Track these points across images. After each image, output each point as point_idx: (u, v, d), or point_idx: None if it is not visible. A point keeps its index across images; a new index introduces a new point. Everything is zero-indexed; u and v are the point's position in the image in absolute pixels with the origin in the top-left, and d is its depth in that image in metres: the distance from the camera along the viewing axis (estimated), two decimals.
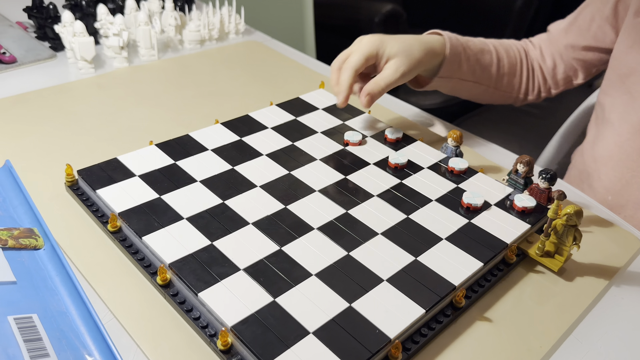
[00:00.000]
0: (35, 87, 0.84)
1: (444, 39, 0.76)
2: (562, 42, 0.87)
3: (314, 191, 0.61)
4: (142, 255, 0.53)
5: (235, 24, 1.08)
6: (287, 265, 0.51)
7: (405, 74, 0.69)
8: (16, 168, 0.62)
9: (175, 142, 0.67)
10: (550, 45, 0.88)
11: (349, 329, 0.45)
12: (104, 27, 0.92)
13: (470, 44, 0.79)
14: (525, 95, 0.89)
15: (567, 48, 0.86)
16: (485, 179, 0.65)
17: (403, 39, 0.71)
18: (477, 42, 0.81)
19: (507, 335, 0.50)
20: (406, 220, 0.58)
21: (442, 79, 0.77)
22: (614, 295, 0.56)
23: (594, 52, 0.85)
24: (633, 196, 0.78)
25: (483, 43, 0.82)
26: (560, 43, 0.87)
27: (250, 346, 0.43)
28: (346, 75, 0.67)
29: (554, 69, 0.87)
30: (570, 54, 0.86)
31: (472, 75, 0.80)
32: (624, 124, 0.79)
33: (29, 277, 0.49)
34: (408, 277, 0.51)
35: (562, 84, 0.89)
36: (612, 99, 0.82)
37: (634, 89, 0.77)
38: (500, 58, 0.83)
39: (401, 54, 0.69)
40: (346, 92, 0.67)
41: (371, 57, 0.68)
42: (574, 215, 0.52)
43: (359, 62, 0.67)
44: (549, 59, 0.87)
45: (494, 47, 0.83)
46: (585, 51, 0.85)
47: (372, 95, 0.67)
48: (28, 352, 0.42)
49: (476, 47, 0.80)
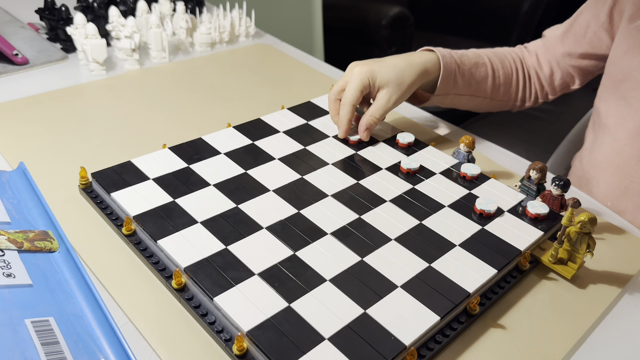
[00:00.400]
0: (47, 88, 0.84)
1: (437, 56, 0.77)
2: (559, 50, 0.87)
3: (327, 196, 0.61)
4: (157, 258, 0.53)
5: (245, 26, 1.08)
6: (301, 270, 0.51)
7: (397, 101, 0.72)
8: (30, 170, 0.63)
9: (188, 145, 0.68)
10: (546, 52, 0.88)
11: (364, 336, 0.45)
12: (115, 29, 0.92)
13: (464, 58, 0.80)
14: (522, 102, 0.89)
15: (564, 55, 0.86)
16: (498, 185, 0.65)
17: (394, 64, 0.72)
18: (471, 55, 0.82)
19: (520, 342, 0.50)
20: (419, 226, 0.58)
21: (439, 97, 0.79)
22: (628, 302, 0.56)
23: (590, 59, 0.85)
24: (631, 202, 0.78)
25: (477, 56, 0.83)
26: (557, 50, 0.87)
27: (266, 351, 0.43)
28: (345, 111, 0.71)
29: (551, 76, 0.88)
30: (567, 61, 0.87)
31: (467, 89, 0.82)
32: (620, 130, 0.79)
33: (44, 280, 0.50)
34: (422, 283, 0.51)
35: (559, 90, 0.90)
36: (607, 104, 0.82)
37: (628, 94, 0.78)
38: (495, 69, 0.84)
39: (392, 82, 0.71)
40: (346, 126, 0.71)
41: (365, 88, 0.71)
42: (588, 223, 0.52)
43: (355, 98, 0.70)
44: (545, 66, 0.88)
45: (488, 59, 0.84)
46: (581, 58, 0.85)
47: (369, 128, 0.72)
48: (45, 356, 0.42)
49: (470, 62, 0.81)
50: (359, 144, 0.71)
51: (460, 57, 0.79)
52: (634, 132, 0.77)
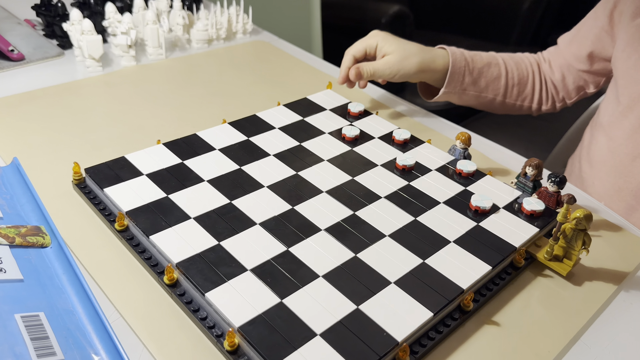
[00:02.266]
0: (43, 84, 0.84)
1: (447, 54, 0.81)
2: (568, 54, 0.88)
3: (321, 192, 0.61)
4: (149, 254, 0.53)
5: (242, 23, 1.08)
6: (294, 266, 0.51)
7: (394, 71, 0.77)
8: (24, 165, 0.62)
9: (182, 141, 0.67)
10: (557, 57, 0.89)
11: (357, 332, 0.45)
12: (112, 25, 0.92)
13: (477, 57, 0.83)
14: (539, 105, 0.90)
15: (572, 59, 0.87)
16: (494, 182, 0.65)
17: (406, 44, 0.78)
18: (484, 55, 0.85)
19: (515, 339, 0.49)
20: (414, 222, 0.58)
21: (448, 93, 0.82)
22: (623, 300, 0.56)
23: (597, 62, 0.86)
24: (625, 202, 0.78)
25: (491, 57, 0.85)
26: (566, 55, 0.88)
27: (257, 347, 0.43)
28: (345, 59, 0.79)
29: (563, 81, 0.89)
30: (575, 65, 0.87)
31: (477, 88, 0.84)
32: (615, 129, 0.79)
33: (36, 275, 0.49)
34: (416, 279, 0.50)
35: (574, 94, 0.90)
36: (605, 103, 0.82)
37: (622, 92, 0.77)
38: (509, 70, 0.86)
39: (396, 54, 0.77)
40: (343, 72, 0.79)
41: (370, 48, 0.78)
42: (584, 220, 0.52)
43: (357, 49, 0.79)
44: (557, 71, 0.89)
45: (503, 60, 0.86)
46: (589, 61, 0.86)
47: (359, 71, 0.77)
48: (35, 351, 0.42)
49: (482, 61, 0.84)
50: (355, 141, 0.71)
51: (472, 56, 0.83)
52: (629, 132, 0.76)
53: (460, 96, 0.84)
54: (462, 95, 0.84)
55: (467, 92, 0.83)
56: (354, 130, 0.71)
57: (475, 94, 0.84)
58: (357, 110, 0.77)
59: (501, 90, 0.86)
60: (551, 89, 0.89)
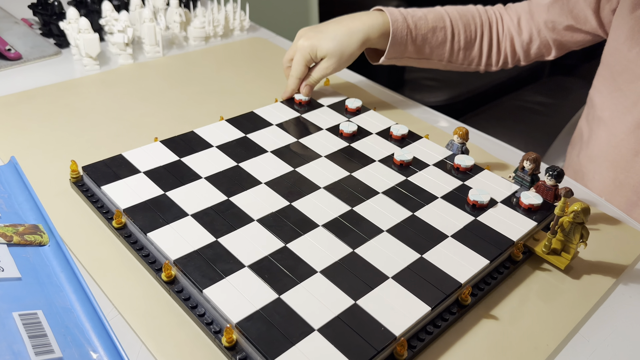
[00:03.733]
0: (40, 83, 0.84)
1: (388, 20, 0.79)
2: (542, 18, 0.84)
3: (319, 188, 0.61)
4: (147, 251, 0.53)
5: (240, 20, 1.07)
6: (292, 262, 0.51)
7: (336, 69, 0.79)
8: (21, 164, 0.62)
9: (180, 138, 0.67)
10: (530, 19, 0.86)
11: (354, 327, 0.45)
12: (108, 23, 0.92)
13: (421, 22, 0.81)
14: (487, 67, 0.89)
15: (547, 25, 0.84)
16: (492, 176, 0.65)
17: (334, 35, 0.77)
18: (430, 18, 0.82)
19: (513, 333, 0.49)
20: (411, 217, 0.58)
21: (390, 59, 0.82)
22: (622, 293, 0.56)
23: (572, 33, 0.83)
24: (625, 197, 0.77)
25: (437, 19, 0.82)
26: (541, 18, 0.85)
27: (255, 343, 0.43)
28: (291, 82, 0.79)
29: (529, 44, 0.86)
30: (548, 32, 0.85)
31: (420, 54, 0.83)
32: (617, 124, 0.78)
33: (34, 274, 0.49)
34: (414, 274, 0.50)
35: (533, 58, 0.89)
36: (603, 96, 0.81)
37: (625, 87, 0.76)
38: (456, 34, 0.84)
39: (332, 54, 0.77)
40: (289, 95, 0.80)
41: (308, 62, 0.78)
42: (581, 213, 0.52)
43: (300, 72, 0.78)
44: (525, 33, 0.86)
45: (450, 21, 0.83)
46: (564, 31, 0.84)
47: (309, 85, 0.79)
48: (33, 349, 0.42)
49: (427, 26, 0.81)
50: (353, 137, 0.71)
51: (415, 22, 0.81)
52: (632, 126, 0.76)
53: (404, 62, 0.84)
54: (406, 61, 0.84)
55: (410, 59, 0.84)
56: (351, 126, 0.71)
57: (418, 59, 0.84)
58: (354, 106, 0.77)
59: (446, 56, 0.85)
60: (506, 49, 0.87)
